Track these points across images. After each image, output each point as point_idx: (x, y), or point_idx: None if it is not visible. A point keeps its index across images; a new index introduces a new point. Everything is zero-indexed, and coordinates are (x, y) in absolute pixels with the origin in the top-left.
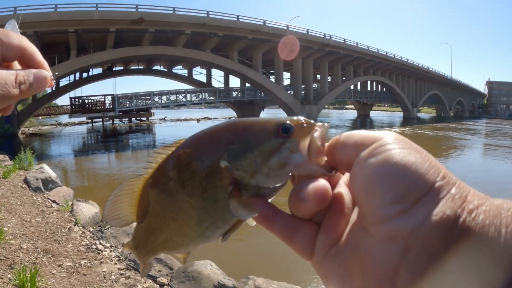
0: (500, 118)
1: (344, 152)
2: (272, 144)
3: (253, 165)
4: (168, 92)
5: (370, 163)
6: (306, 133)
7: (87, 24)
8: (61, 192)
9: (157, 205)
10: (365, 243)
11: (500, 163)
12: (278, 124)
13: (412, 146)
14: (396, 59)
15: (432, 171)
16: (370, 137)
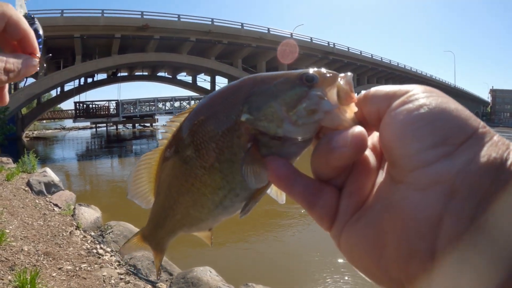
0: (503, 126)
1: (374, 104)
2: (298, 91)
3: (279, 113)
4: (172, 98)
5: (406, 109)
6: (331, 82)
7: (92, 29)
8: (63, 196)
9: (172, 177)
10: (400, 194)
11: None
12: (301, 74)
13: (447, 96)
14: (400, 67)
15: (474, 119)
16: (402, 88)
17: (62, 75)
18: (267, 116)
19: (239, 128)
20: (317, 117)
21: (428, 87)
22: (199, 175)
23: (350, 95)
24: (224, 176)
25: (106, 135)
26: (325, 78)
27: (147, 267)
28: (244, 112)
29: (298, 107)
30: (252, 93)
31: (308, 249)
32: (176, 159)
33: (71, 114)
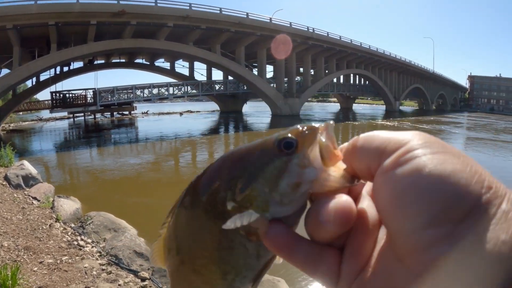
0: (481, 111)
1: (363, 159)
2: (276, 165)
3: (263, 196)
4: (150, 85)
5: (397, 175)
6: (311, 141)
7: (67, 16)
8: (42, 189)
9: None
10: (399, 275)
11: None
12: (277, 141)
13: (446, 148)
14: (379, 52)
15: (476, 180)
16: (394, 140)
17: (37, 64)
18: (252, 201)
19: (229, 217)
20: (303, 190)
21: (426, 137)
22: (205, 264)
23: (334, 154)
24: (227, 263)
25: (84, 124)
26: (304, 139)
27: (128, 256)
28: (229, 200)
29: (280, 185)
30: (232, 176)
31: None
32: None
33: (47, 105)
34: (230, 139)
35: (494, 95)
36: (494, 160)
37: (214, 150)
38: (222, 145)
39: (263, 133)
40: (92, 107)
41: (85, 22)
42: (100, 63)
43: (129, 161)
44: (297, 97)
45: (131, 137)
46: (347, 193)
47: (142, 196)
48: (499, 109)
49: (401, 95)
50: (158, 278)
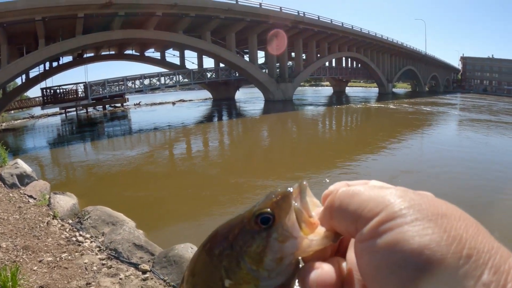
0: (474, 92)
1: (341, 223)
2: (258, 243)
3: (251, 274)
4: (142, 76)
5: (372, 247)
6: (287, 210)
7: (54, 11)
8: (37, 186)
9: None
10: None
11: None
12: (255, 216)
13: (423, 211)
14: (371, 35)
15: (453, 251)
16: (370, 205)
17: (26, 61)
18: (243, 279)
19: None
20: (287, 261)
21: (404, 198)
22: None
23: (310, 222)
24: None
25: (76, 119)
26: (280, 209)
27: (128, 249)
28: (225, 278)
29: (265, 261)
30: (224, 256)
31: None
32: None
33: (39, 102)
34: (224, 127)
35: (486, 76)
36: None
37: (208, 139)
38: (217, 133)
39: (257, 119)
40: (83, 101)
41: (72, 16)
42: (89, 56)
43: (123, 153)
44: (289, 82)
45: (124, 129)
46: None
47: (139, 188)
48: (492, 90)
49: (394, 77)
50: (159, 269)
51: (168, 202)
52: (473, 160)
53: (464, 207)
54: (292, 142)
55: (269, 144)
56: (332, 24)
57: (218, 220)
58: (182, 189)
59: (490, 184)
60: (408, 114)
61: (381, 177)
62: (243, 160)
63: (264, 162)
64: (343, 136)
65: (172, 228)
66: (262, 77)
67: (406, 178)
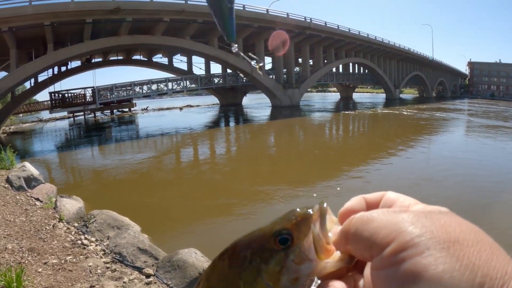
0: (481, 98)
1: (357, 248)
2: (276, 261)
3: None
4: (149, 81)
5: (388, 277)
6: (306, 232)
7: (63, 16)
8: (44, 189)
9: None
10: None
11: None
12: (274, 235)
13: (436, 238)
14: (378, 41)
15: (465, 279)
16: (384, 233)
17: (35, 65)
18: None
19: None
20: (302, 281)
21: (417, 225)
22: None
23: (327, 248)
24: None
25: (84, 123)
26: (299, 231)
27: (132, 253)
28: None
29: (281, 280)
30: (243, 268)
31: None
32: None
33: (47, 105)
34: (231, 133)
35: (494, 81)
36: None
37: (215, 145)
38: (223, 139)
39: (264, 125)
40: (91, 106)
41: (80, 21)
42: (97, 61)
43: (130, 158)
44: (296, 88)
45: (131, 134)
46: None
47: (144, 193)
48: (499, 95)
49: (401, 83)
50: (162, 274)
51: (173, 207)
52: (493, 168)
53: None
54: (300, 148)
55: (276, 151)
56: (339, 30)
57: (223, 227)
58: (187, 195)
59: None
60: (419, 120)
61: (401, 185)
62: (250, 167)
63: (272, 169)
64: (352, 142)
65: (177, 233)
66: (269, 83)
67: (427, 186)
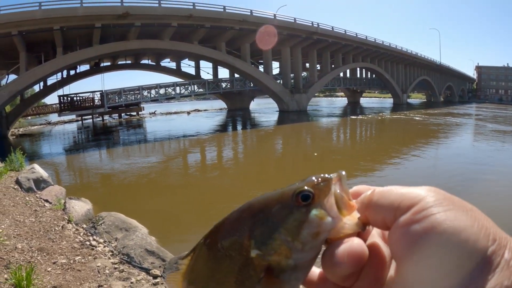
0: (489, 102)
1: (379, 213)
2: (297, 217)
3: (285, 244)
4: (157, 85)
5: (412, 231)
6: (327, 192)
7: (72, 20)
8: (53, 191)
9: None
10: None
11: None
12: (295, 193)
13: (455, 204)
14: (385, 45)
15: (483, 235)
16: (408, 197)
17: (44, 69)
18: (275, 250)
19: (252, 263)
20: (322, 237)
21: (437, 194)
22: None
23: (349, 204)
24: None
25: (92, 127)
26: (320, 191)
27: (140, 255)
28: (253, 248)
29: (301, 234)
30: (255, 227)
31: None
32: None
33: (55, 108)
34: (238, 137)
35: (502, 85)
36: None
37: (223, 149)
38: (231, 143)
39: (271, 129)
40: (100, 109)
41: (89, 26)
42: (106, 65)
43: (138, 161)
44: (304, 93)
45: (139, 138)
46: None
47: (152, 196)
48: (507, 100)
49: (409, 88)
50: None
51: (181, 210)
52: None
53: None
54: (308, 153)
55: (284, 156)
56: (346, 35)
57: None
58: (195, 199)
59: None
60: (429, 125)
61: None
62: (258, 172)
63: (279, 174)
64: (361, 147)
65: (184, 236)
66: (276, 87)
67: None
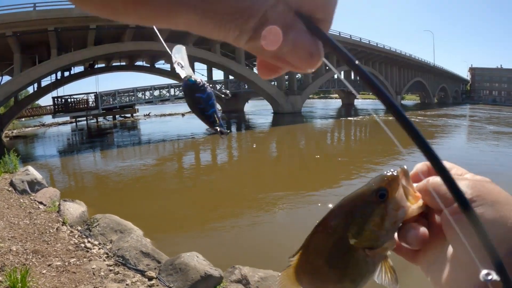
0: (483, 103)
1: (434, 201)
2: (379, 212)
3: (374, 234)
4: (152, 87)
5: (460, 220)
6: (397, 188)
7: (66, 22)
8: (47, 193)
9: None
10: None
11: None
12: (374, 192)
13: (496, 197)
14: (379, 47)
15: (503, 224)
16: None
17: (38, 70)
18: (367, 238)
19: (353, 247)
20: (399, 223)
21: (478, 189)
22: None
23: (416, 196)
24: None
25: (86, 128)
26: (392, 187)
27: (135, 257)
28: (350, 238)
29: (385, 224)
30: (350, 222)
31: (294, 233)
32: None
33: (50, 110)
34: (233, 139)
35: (495, 87)
36: None
37: (217, 151)
38: (225, 145)
39: (266, 131)
40: (94, 111)
41: (84, 27)
42: (100, 67)
43: (132, 163)
44: (298, 94)
45: (134, 139)
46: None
47: (147, 198)
48: (501, 101)
49: (403, 89)
50: (164, 277)
51: (176, 212)
52: None
53: None
54: (301, 155)
55: (278, 158)
56: (341, 37)
57: (224, 232)
58: (189, 201)
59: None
60: (426, 126)
61: None
62: (252, 173)
63: (273, 176)
64: (354, 148)
65: (179, 238)
66: (271, 89)
67: None
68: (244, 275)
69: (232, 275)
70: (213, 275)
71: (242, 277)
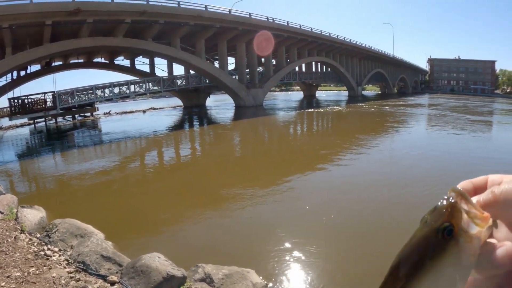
0: (442, 92)
1: (505, 213)
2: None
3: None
4: (111, 84)
5: None
6: (460, 216)
7: (21, 18)
8: (4, 200)
9: None
10: None
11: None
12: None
13: None
14: (340, 39)
15: None
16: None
17: None
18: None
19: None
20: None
21: None
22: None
23: (484, 217)
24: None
25: (46, 130)
26: (456, 218)
27: (96, 261)
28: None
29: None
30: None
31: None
32: None
33: (6, 112)
34: (195, 134)
35: (453, 76)
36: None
37: (179, 148)
38: (188, 141)
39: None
40: (52, 111)
41: (40, 23)
42: (58, 65)
43: (93, 164)
44: (259, 88)
45: (94, 139)
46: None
47: (109, 199)
48: (459, 90)
49: (363, 80)
50: (127, 280)
51: (138, 213)
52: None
53: None
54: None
55: (240, 151)
56: (301, 30)
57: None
58: (152, 201)
59: None
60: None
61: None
62: (214, 169)
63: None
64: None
65: (142, 239)
66: (232, 83)
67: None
68: (207, 273)
69: (196, 274)
70: (175, 276)
71: (206, 276)
